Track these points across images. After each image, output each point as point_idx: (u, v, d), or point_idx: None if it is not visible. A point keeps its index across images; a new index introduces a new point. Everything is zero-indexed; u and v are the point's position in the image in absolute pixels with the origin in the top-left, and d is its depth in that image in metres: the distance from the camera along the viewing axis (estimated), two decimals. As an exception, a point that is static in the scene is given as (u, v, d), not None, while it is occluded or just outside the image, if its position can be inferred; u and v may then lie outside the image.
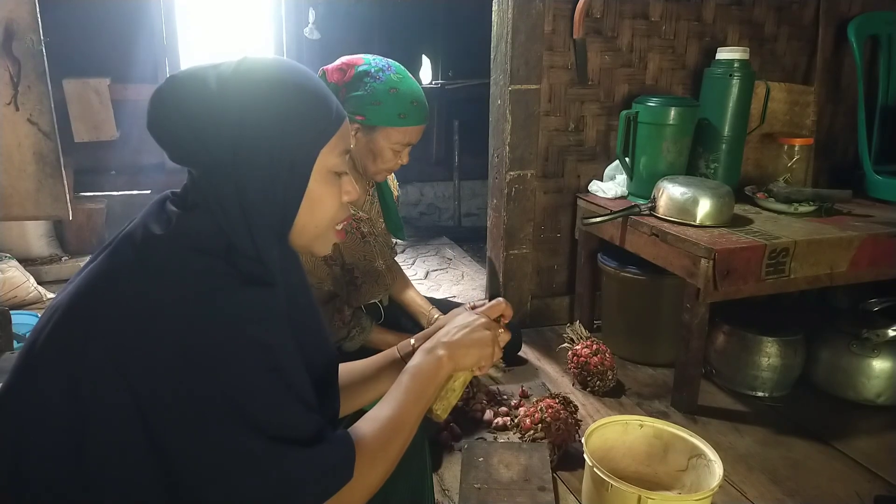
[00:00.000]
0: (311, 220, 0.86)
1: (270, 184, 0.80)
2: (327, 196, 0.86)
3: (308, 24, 3.90)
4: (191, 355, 0.71)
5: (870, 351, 2.01)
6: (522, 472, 1.58)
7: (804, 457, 1.79)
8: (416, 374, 0.93)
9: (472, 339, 0.97)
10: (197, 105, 0.78)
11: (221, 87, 0.79)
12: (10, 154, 1.90)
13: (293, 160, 0.81)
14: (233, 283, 0.77)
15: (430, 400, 0.94)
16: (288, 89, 0.81)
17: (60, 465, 0.73)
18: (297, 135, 0.81)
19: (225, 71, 0.80)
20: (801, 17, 2.64)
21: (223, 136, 0.78)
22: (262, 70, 0.81)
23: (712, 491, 1.32)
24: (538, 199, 2.51)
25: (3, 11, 1.82)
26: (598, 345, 2.10)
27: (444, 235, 4.07)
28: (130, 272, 0.76)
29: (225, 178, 0.79)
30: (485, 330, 0.99)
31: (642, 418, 1.55)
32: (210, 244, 0.78)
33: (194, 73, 0.81)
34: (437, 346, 0.96)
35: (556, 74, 2.41)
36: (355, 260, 1.75)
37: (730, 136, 2.36)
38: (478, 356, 0.98)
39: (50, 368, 0.74)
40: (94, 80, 3.36)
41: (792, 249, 1.90)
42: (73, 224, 3.17)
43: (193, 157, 0.81)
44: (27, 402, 0.75)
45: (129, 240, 0.79)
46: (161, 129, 0.81)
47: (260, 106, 0.79)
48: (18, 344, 2.06)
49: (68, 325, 0.75)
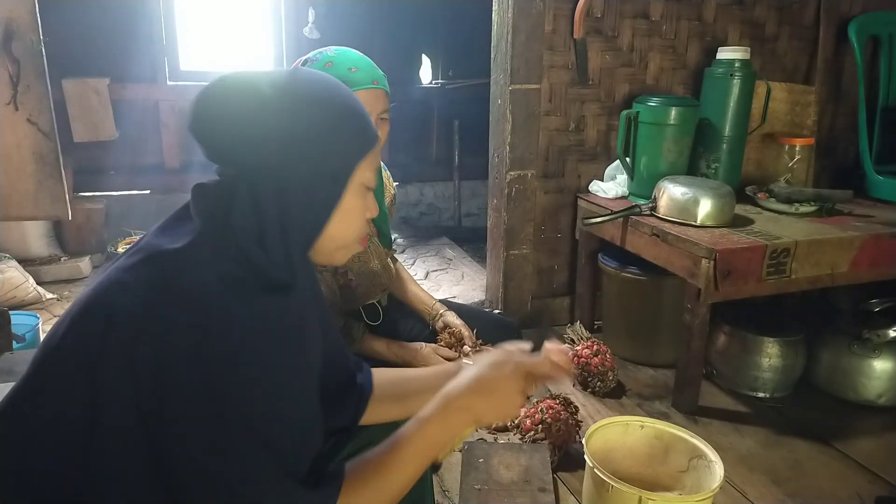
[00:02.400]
0: (340, 231, 0.88)
1: (312, 191, 0.83)
2: (358, 209, 0.88)
3: (308, 23, 3.90)
4: (201, 361, 0.72)
5: (870, 351, 2.01)
6: (523, 472, 1.57)
7: (805, 457, 1.79)
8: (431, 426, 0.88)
9: (501, 401, 0.91)
10: (250, 108, 0.80)
11: (276, 94, 0.80)
12: (10, 154, 1.90)
13: (335, 171, 0.84)
14: (251, 291, 0.77)
15: (438, 452, 0.90)
16: (337, 103, 0.85)
17: (67, 464, 0.73)
18: (343, 147, 0.84)
19: (279, 79, 0.82)
20: (801, 17, 2.64)
21: (274, 139, 0.79)
22: (316, 82, 0.85)
23: (713, 492, 1.32)
24: (538, 199, 2.50)
25: (3, 11, 1.82)
26: (598, 345, 2.09)
27: (444, 235, 4.07)
28: (151, 270, 0.76)
29: (268, 181, 0.80)
30: (517, 391, 0.92)
31: (643, 419, 1.55)
32: (233, 250, 0.79)
33: (245, 77, 0.82)
34: (462, 405, 0.89)
35: (557, 74, 2.40)
36: (350, 262, 1.74)
37: (731, 136, 2.36)
38: (500, 417, 0.94)
39: (66, 367, 0.75)
40: (93, 79, 3.36)
41: (793, 250, 1.89)
42: (73, 224, 3.17)
43: (237, 157, 0.81)
44: (42, 399, 0.76)
45: (156, 242, 0.80)
46: (206, 127, 0.82)
47: (312, 115, 0.81)
48: (17, 345, 2.05)
49: (88, 319, 0.75)
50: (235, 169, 0.82)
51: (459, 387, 0.90)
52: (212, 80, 0.82)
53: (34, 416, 0.75)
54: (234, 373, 0.73)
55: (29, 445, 0.75)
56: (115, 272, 0.78)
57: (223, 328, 0.73)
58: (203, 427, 0.72)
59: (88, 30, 3.44)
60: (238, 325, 0.74)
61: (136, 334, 0.72)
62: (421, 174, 4.36)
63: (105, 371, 0.72)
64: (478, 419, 0.91)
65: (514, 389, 0.92)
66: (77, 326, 0.76)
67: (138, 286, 0.75)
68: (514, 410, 0.93)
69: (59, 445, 0.74)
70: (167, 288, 0.74)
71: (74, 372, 0.74)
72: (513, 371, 0.92)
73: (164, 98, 3.71)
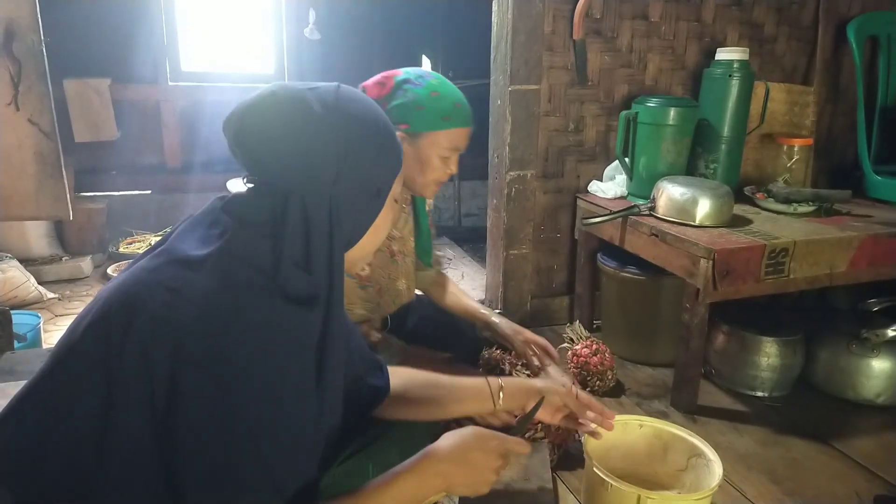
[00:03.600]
0: (370, 242, 0.91)
1: (360, 206, 0.87)
2: (388, 221, 0.93)
3: (308, 24, 3.90)
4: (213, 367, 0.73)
5: (869, 351, 2.01)
6: (522, 471, 1.57)
7: (803, 457, 1.79)
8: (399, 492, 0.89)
9: (476, 477, 0.94)
10: (304, 124, 0.82)
11: (326, 112, 0.83)
12: (11, 154, 1.91)
13: (380, 186, 0.88)
14: (273, 303, 0.78)
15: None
16: (380, 122, 0.88)
17: (79, 460, 0.74)
18: (386, 163, 0.89)
19: (326, 97, 0.84)
20: (800, 17, 2.65)
21: (329, 157, 0.82)
22: (360, 101, 0.88)
23: (712, 490, 1.32)
24: (538, 199, 2.51)
25: (4, 11, 1.82)
26: (597, 345, 2.10)
27: (444, 235, 4.07)
28: (175, 273, 0.77)
29: (321, 195, 0.82)
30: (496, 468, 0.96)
31: (642, 418, 1.55)
32: (259, 259, 0.80)
33: (292, 93, 0.83)
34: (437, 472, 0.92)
35: (556, 75, 2.41)
36: (378, 277, 1.74)
37: (729, 136, 2.37)
38: (472, 491, 0.96)
39: (86, 359, 0.76)
40: (94, 80, 3.37)
41: (791, 249, 1.90)
42: (74, 224, 3.18)
43: (287, 171, 0.82)
44: (62, 390, 0.76)
45: (179, 246, 0.81)
46: (255, 142, 0.83)
47: (361, 133, 0.85)
48: (19, 344, 2.06)
49: (109, 318, 0.76)
50: (284, 181, 0.82)
51: (441, 452, 0.93)
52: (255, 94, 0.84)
53: (50, 412, 0.76)
54: (245, 385, 0.74)
55: (44, 439, 0.75)
56: (139, 272, 0.79)
57: (239, 339, 0.74)
58: (209, 433, 0.72)
59: (89, 30, 3.45)
60: (255, 338, 0.75)
61: (154, 338, 0.73)
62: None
63: (122, 372, 0.73)
64: (449, 488, 0.93)
65: (490, 467, 0.95)
66: (97, 325, 0.77)
67: (161, 290, 0.76)
68: (485, 488, 0.96)
69: (73, 441, 0.74)
70: (189, 294, 0.75)
71: (92, 370, 0.75)
72: (495, 448, 0.96)
73: (165, 98, 3.72)
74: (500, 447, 0.97)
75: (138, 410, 0.72)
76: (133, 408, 0.72)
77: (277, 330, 0.77)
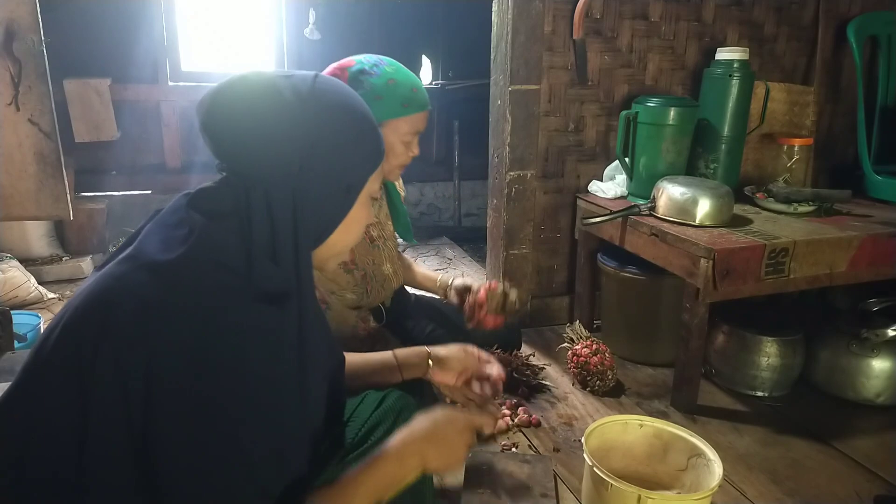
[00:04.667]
0: (342, 239, 0.89)
1: (327, 200, 0.83)
2: (362, 219, 0.90)
3: (308, 24, 3.90)
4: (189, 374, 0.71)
5: (869, 351, 2.01)
6: (525, 479, 1.59)
7: (804, 456, 1.79)
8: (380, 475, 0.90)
9: (448, 450, 0.97)
10: (271, 110, 0.79)
11: (298, 101, 0.80)
12: (11, 154, 1.91)
13: (350, 182, 0.86)
14: (246, 303, 0.76)
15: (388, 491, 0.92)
16: (358, 114, 0.86)
17: (60, 468, 0.73)
18: (359, 159, 0.86)
19: (300, 85, 0.82)
20: (800, 17, 2.65)
21: (296, 146, 0.79)
22: (336, 92, 0.85)
23: (712, 490, 1.32)
24: (538, 199, 2.51)
25: (4, 11, 1.82)
26: (597, 344, 2.10)
27: (444, 235, 4.08)
28: (144, 280, 0.75)
29: (284, 187, 0.79)
30: (462, 442, 0.99)
31: (642, 418, 1.56)
32: (230, 258, 0.78)
33: (267, 81, 0.81)
34: (410, 452, 0.94)
35: (556, 75, 2.41)
36: (364, 264, 1.75)
37: (729, 136, 2.37)
38: (447, 465, 0.98)
39: (59, 371, 0.74)
40: (94, 80, 3.36)
41: (791, 249, 1.90)
42: (74, 224, 3.18)
43: (252, 158, 0.80)
44: (35, 402, 0.75)
45: (146, 249, 0.78)
46: (221, 124, 0.80)
47: (335, 126, 0.82)
48: (19, 344, 2.06)
49: (79, 329, 0.74)
50: (248, 170, 0.81)
51: (416, 432, 0.96)
52: (228, 77, 0.81)
53: (26, 424, 0.75)
54: (223, 388, 0.72)
55: (22, 451, 0.74)
56: (107, 280, 0.76)
57: (215, 342, 0.72)
58: (188, 441, 0.71)
59: (90, 30, 3.44)
60: (230, 340, 0.73)
61: (127, 346, 0.71)
62: (421, 174, 4.37)
63: (96, 381, 0.71)
64: (426, 466, 0.95)
65: (461, 443, 0.99)
66: (67, 337, 0.75)
67: (130, 300, 0.73)
68: (458, 465, 1.02)
69: (51, 454, 0.73)
70: (160, 301, 0.73)
71: (65, 380, 0.73)
72: (464, 425, 1.00)
73: (166, 98, 3.71)
74: (469, 424, 1.01)
75: (114, 423, 0.71)
76: (108, 420, 0.71)
77: (253, 333, 0.75)
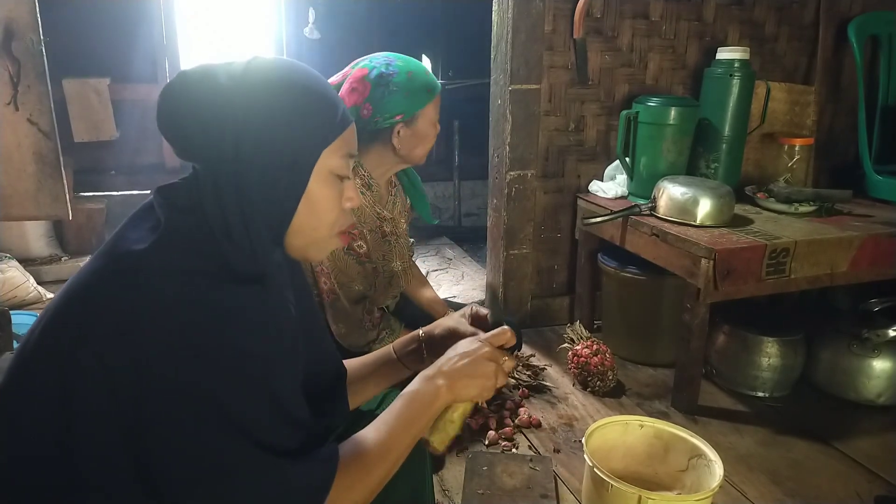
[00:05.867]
0: (309, 222, 0.85)
1: (270, 181, 0.80)
2: (327, 198, 0.86)
3: (308, 23, 3.90)
4: (176, 359, 0.71)
5: (870, 351, 2.01)
6: (525, 480, 1.58)
7: (804, 457, 1.79)
8: (411, 401, 0.90)
9: (475, 371, 0.94)
10: (206, 100, 0.79)
11: (231, 84, 0.80)
12: (10, 154, 1.90)
13: (294, 159, 0.82)
14: (223, 285, 0.76)
15: (423, 429, 0.91)
16: (295, 89, 0.82)
17: (48, 467, 0.73)
18: (301, 134, 0.82)
19: (235, 69, 0.81)
20: (801, 17, 2.64)
21: (227, 130, 0.78)
22: (272, 69, 0.83)
23: (712, 491, 1.32)
24: (538, 199, 2.50)
25: (3, 11, 1.82)
26: (598, 345, 2.10)
27: (444, 235, 4.07)
28: (120, 276, 0.75)
29: (225, 174, 0.79)
30: (489, 361, 0.95)
31: (642, 418, 1.55)
32: (201, 246, 0.78)
33: (206, 70, 0.82)
34: (437, 375, 0.92)
35: (557, 74, 2.41)
36: (374, 256, 1.75)
37: (730, 136, 2.36)
38: (480, 389, 0.94)
39: (41, 371, 0.74)
40: (93, 79, 3.36)
41: (792, 249, 1.89)
42: (73, 224, 3.17)
43: (199, 151, 0.80)
44: (19, 403, 0.75)
45: (120, 243, 0.79)
46: (170, 124, 0.81)
47: (266, 103, 0.80)
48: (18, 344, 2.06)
49: (59, 328, 0.75)
50: (197, 160, 0.82)
51: (440, 366, 0.94)
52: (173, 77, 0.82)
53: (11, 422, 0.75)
54: (209, 367, 0.72)
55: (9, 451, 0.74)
56: (86, 276, 0.77)
57: (195, 325, 0.72)
58: (182, 426, 0.71)
59: (89, 30, 3.44)
60: (210, 320, 0.73)
61: (108, 340, 0.71)
62: (421, 174, 4.34)
63: (79, 377, 0.71)
64: (457, 395, 0.93)
65: (485, 364, 0.95)
66: (49, 333, 0.75)
67: (107, 292, 0.74)
68: (490, 383, 0.95)
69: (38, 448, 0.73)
70: (136, 292, 0.73)
71: (47, 377, 0.73)
72: (479, 347, 0.96)
73: (165, 98, 3.71)
74: (489, 351, 0.97)
75: (101, 415, 0.70)
76: (95, 413, 0.71)
77: (236, 314, 0.75)
